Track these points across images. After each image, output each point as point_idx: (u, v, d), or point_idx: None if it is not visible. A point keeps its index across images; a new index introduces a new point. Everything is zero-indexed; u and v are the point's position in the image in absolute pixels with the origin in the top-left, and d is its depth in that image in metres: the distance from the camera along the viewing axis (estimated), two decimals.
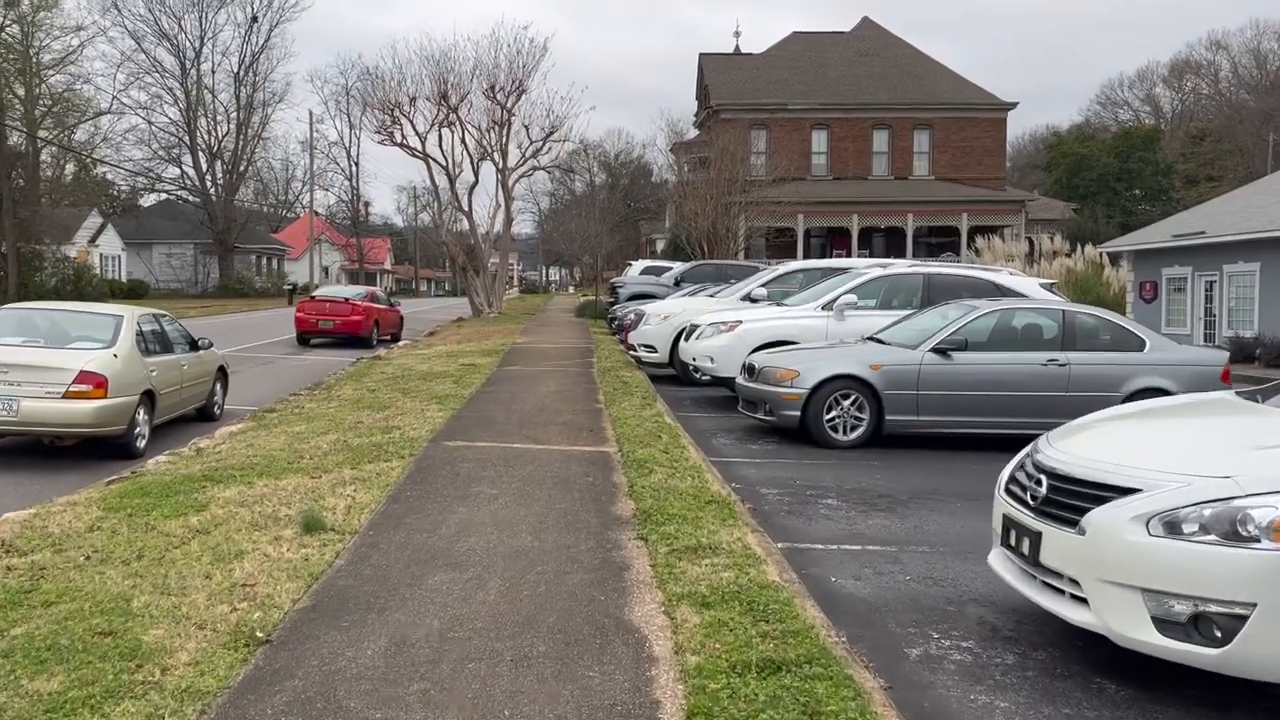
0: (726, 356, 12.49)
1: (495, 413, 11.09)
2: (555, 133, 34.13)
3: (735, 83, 50.36)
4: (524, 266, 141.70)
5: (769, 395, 10.23)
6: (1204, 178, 75.50)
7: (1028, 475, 4.76)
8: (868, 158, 50.20)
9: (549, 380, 14.39)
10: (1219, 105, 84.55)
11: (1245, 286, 27.03)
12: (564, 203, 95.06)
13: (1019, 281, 13.07)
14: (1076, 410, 10.29)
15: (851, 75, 51.26)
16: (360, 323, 25.05)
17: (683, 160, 49.40)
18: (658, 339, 15.62)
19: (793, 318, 12.70)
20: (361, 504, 6.72)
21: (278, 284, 65.39)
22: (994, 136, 51.88)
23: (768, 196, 39.03)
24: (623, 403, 11.72)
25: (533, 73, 33.31)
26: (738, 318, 12.77)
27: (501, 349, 19.70)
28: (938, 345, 10.06)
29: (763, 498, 7.74)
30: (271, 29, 63.24)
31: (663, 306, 16.43)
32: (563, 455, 8.48)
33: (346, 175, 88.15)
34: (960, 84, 52.05)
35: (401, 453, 8.47)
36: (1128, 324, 10.58)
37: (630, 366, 16.24)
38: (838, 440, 10.04)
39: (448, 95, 32.40)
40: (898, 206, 46.91)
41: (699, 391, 14.71)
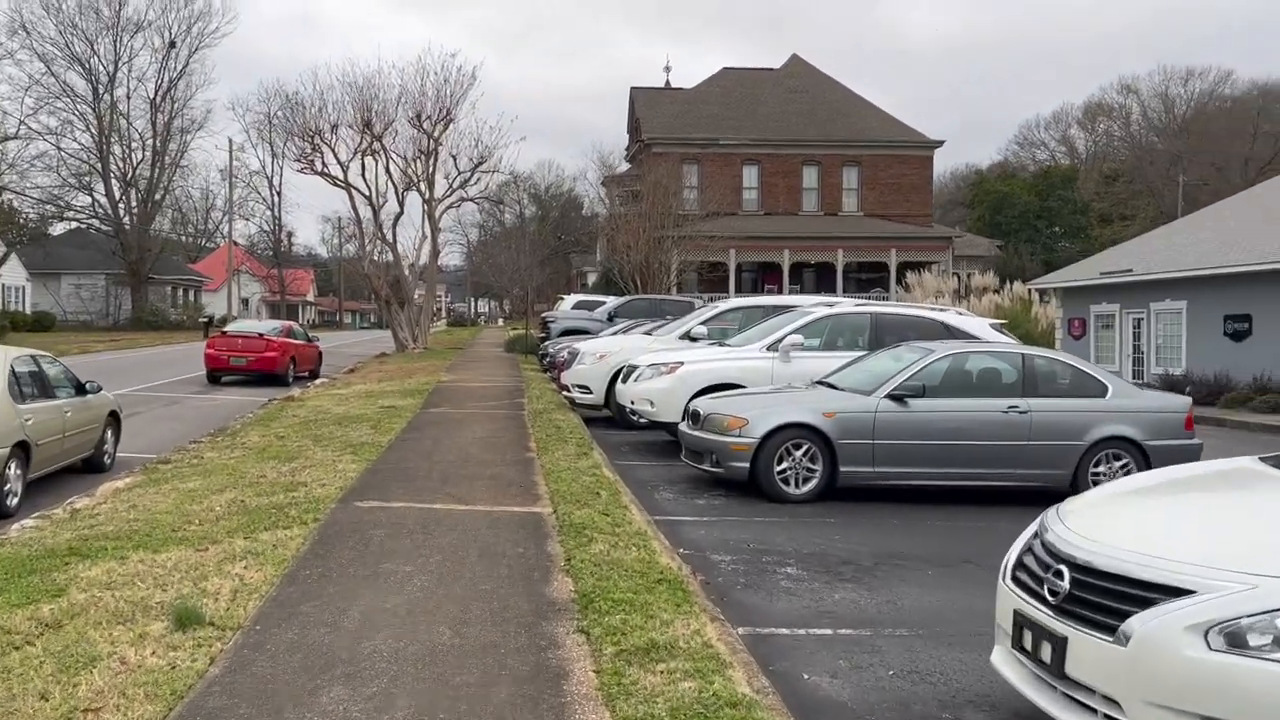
0: (668, 400, 11.70)
1: (415, 464, 10.11)
2: (484, 163, 33.29)
3: (666, 117, 50.14)
4: (452, 299, 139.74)
5: (716, 445, 9.45)
6: (1117, 216, 77.72)
7: (1040, 562, 4.03)
8: (798, 194, 50.30)
9: (476, 425, 13.43)
10: (1130, 147, 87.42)
11: (1173, 324, 27.27)
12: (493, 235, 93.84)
13: (968, 322, 12.57)
14: (1038, 460, 9.81)
15: (782, 112, 51.45)
16: (275, 359, 23.72)
17: (614, 193, 48.90)
18: (593, 379, 14.78)
19: (737, 359, 11.99)
20: (251, 586, 5.73)
21: (194, 316, 62.97)
22: (921, 174, 52.48)
23: (700, 231, 38.64)
24: (556, 451, 10.84)
25: (461, 101, 32.47)
26: (679, 359, 12.02)
27: (425, 388, 18.64)
28: (894, 391, 9.41)
29: (715, 567, 6.92)
30: (190, 55, 61.31)
31: (598, 345, 15.61)
32: (490, 519, 7.56)
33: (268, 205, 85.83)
34: (888, 122, 52.61)
35: (305, 517, 7.46)
36: (1089, 368, 10.09)
37: (564, 408, 15.37)
38: (789, 494, 9.30)
39: (371, 123, 31.34)
40: (828, 242, 46.98)
41: (637, 436, 13.89)
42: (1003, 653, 4.21)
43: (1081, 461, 9.50)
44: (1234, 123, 79.91)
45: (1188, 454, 9.75)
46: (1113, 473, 9.58)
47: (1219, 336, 25.04)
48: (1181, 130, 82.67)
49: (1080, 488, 9.56)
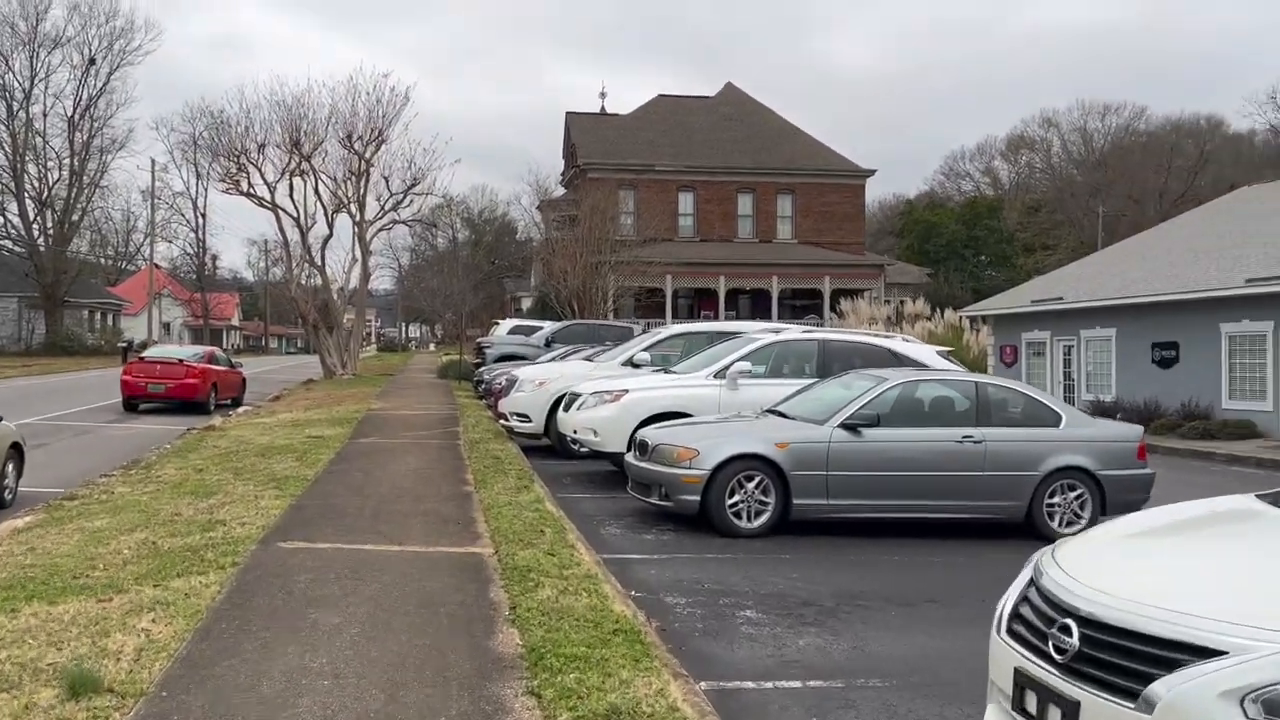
0: (612, 429, 11.26)
1: (344, 500, 9.50)
2: (417, 185, 32.60)
3: (602, 142, 50.00)
4: (382, 323, 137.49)
5: (665, 477, 9.03)
6: (1040, 246, 79.74)
7: (1040, 614, 3.68)
8: (733, 220, 50.48)
9: (409, 456, 12.81)
10: (1051, 178, 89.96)
11: (1102, 351, 27.71)
12: (426, 258, 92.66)
13: (915, 349, 12.40)
14: (993, 492, 9.58)
15: (717, 139, 51.68)
16: (196, 386, 22.72)
17: (550, 218, 48.49)
18: (532, 407, 14.27)
19: (683, 386, 11.61)
20: (159, 643, 5.12)
21: (112, 341, 60.70)
22: (853, 202, 53.11)
23: (637, 256, 38.41)
24: (496, 484, 10.31)
25: (393, 122, 31.77)
26: (623, 386, 11.60)
27: (355, 417, 17.90)
28: (847, 420, 9.11)
29: (671, 612, 6.48)
30: (111, 72, 59.41)
31: (537, 371, 15.11)
32: (426, 561, 7.02)
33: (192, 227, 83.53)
34: (821, 150, 53.19)
35: (222, 561, 6.84)
36: (1042, 397, 9.93)
37: (501, 438, 14.82)
38: (741, 528, 8.91)
39: (300, 143, 30.46)
40: (763, 269, 47.15)
41: (579, 466, 13.41)
42: (1000, 714, 3.84)
43: (1036, 492, 9.30)
44: (1149, 157, 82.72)
45: (1141, 484, 9.63)
46: (1067, 504, 9.40)
47: (1147, 364, 25.46)
48: (1100, 163, 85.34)
49: (1035, 520, 9.37)
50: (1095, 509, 9.40)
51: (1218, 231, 28.38)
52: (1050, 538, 9.36)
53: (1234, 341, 22.85)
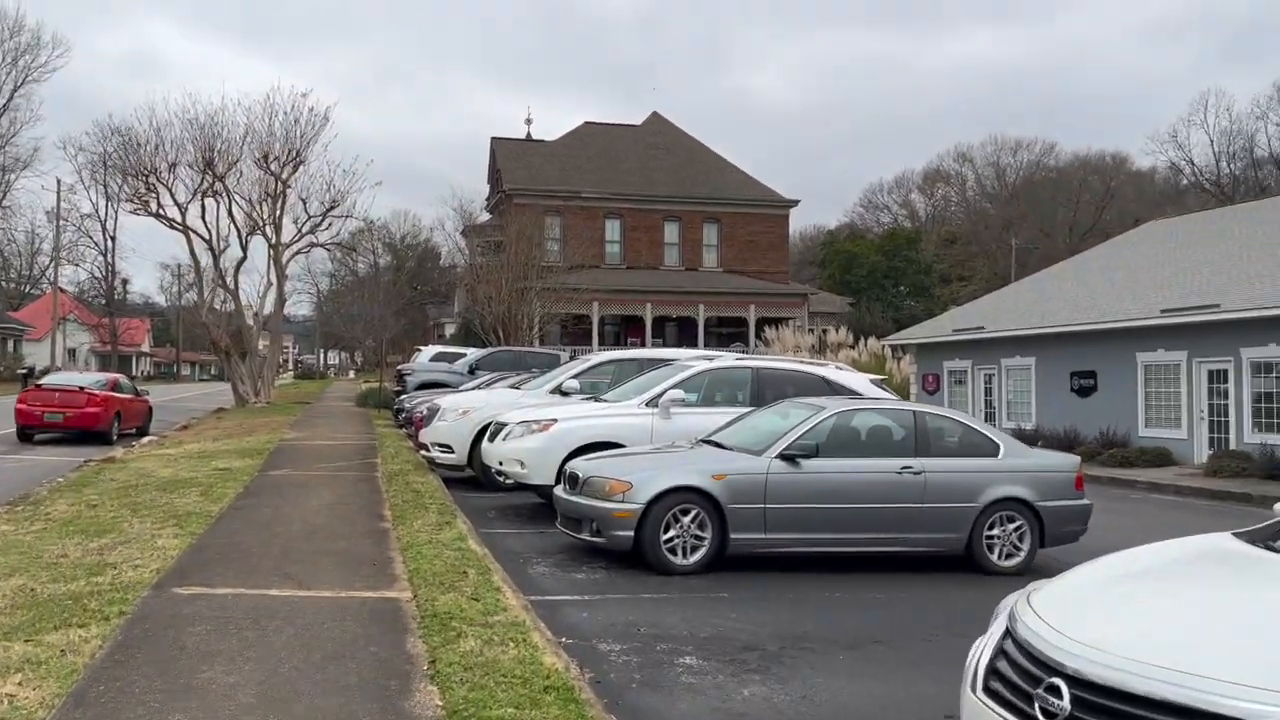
0: (540, 461, 10.76)
1: (250, 538, 8.82)
2: (336, 207, 31.68)
3: (528, 168, 49.57)
4: (300, 350, 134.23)
5: (596, 512, 8.57)
6: (955, 277, 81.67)
7: (1021, 670, 3.33)
8: (660, 248, 50.43)
9: (323, 489, 12.11)
10: (966, 211, 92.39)
11: (1022, 380, 28.12)
12: (345, 284, 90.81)
13: (849, 377, 12.19)
14: (933, 524, 9.32)
15: (643, 167, 51.69)
16: (97, 415, 21.52)
17: (475, 244, 47.77)
18: (455, 438, 13.67)
19: (614, 416, 11.17)
20: (24, 711, 4.48)
21: (13, 367, 57.83)
22: (777, 232, 53.56)
23: (563, 283, 37.96)
24: (415, 520, 9.72)
25: (312, 143, 30.85)
26: (551, 415, 11.11)
27: (266, 447, 17.04)
28: (785, 451, 8.78)
29: (605, 660, 6.00)
30: (16, 89, 57.10)
31: (461, 400, 14.51)
32: (337, 607, 6.43)
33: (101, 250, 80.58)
34: (746, 180, 53.58)
35: (108, 610, 6.17)
36: (980, 426, 9.75)
37: (422, 469, 14.17)
38: (676, 565, 8.49)
39: (214, 162, 29.37)
40: (689, 297, 47.12)
41: (504, 499, 12.85)
42: None
43: (976, 524, 9.08)
44: (1058, 191, 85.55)
45: (1079, 515, 9.49)
46: (1007, 535, 9.20)
47: (1067, 392, 25.88)
48: (1012, 197, 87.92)
49: (974, 552, 9.15)
50: (1035, 541, 9.22)
51: (1130, 264, 29.14)
52: (990, 571, 9.17)
53: (1150, 371, 23.35)
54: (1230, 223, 29.19)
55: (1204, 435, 21.81)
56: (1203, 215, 34.90)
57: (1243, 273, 22.77)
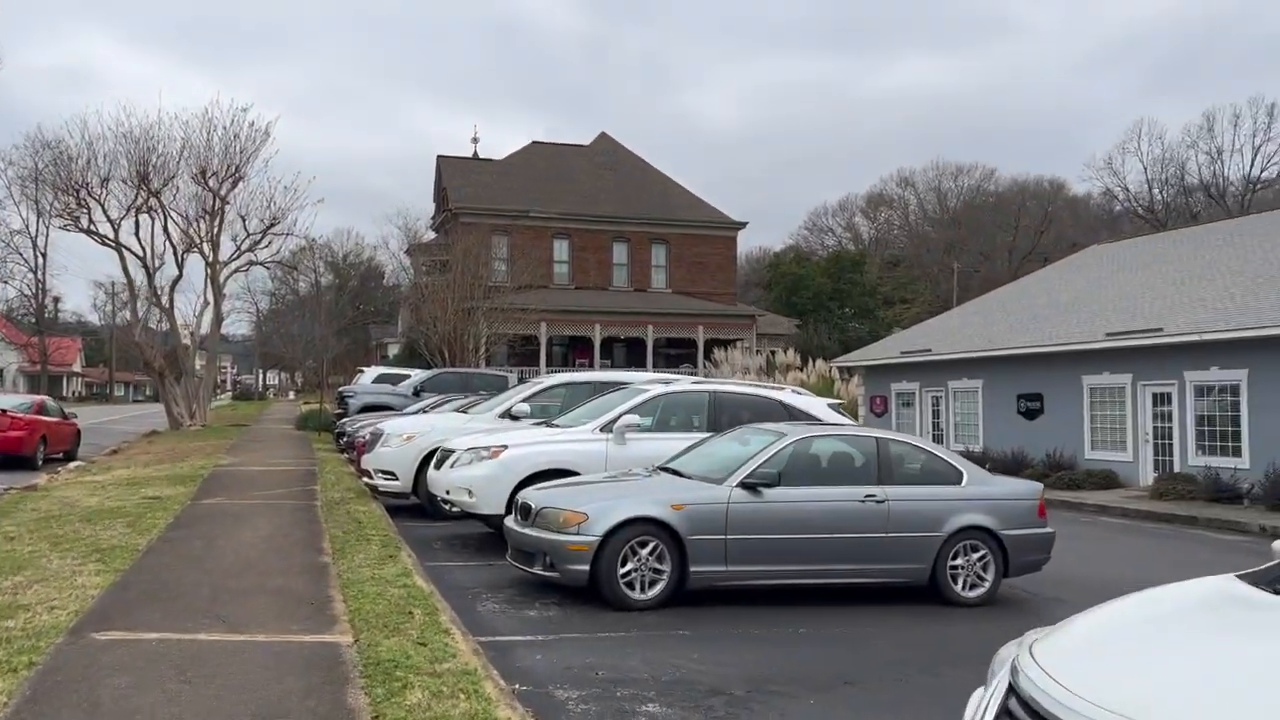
0: (489, 489, 10.32)
1: (179, 575, 8.26)
2: (277, 225, 30.88)
3: (475, 187, 49.08)
4: (238, 370, 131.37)
5: (550, 545, 8.17)
6: (898, 300, 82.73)
7: None
8: (609, 269, 50.21)
9: (259, 520, 11.52)
10: (909, 235, 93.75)
11: (970, 402, 28.28)
12: (286, 303, 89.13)
13: (806, 401, 11.96)
14: (898, 554, 9.04)
15: (592, 187, 51.51)
16: (20, 439, 20.53)
17: (420, 263, 47.05)
18: (399, 464, 13.15)
19: (568, 441, 10.78)
20: None
21: None
22: (726, 254, 53.69)
23: (511, 303, 37.48)
24: (357, 554, 9.22)
25: (252, 158, 30.05)
26: (501, 441, 10.69)
27: (200, 474, 16.32)
28: (747, 479, 8.47)
29: (563, 710, 5.60)
30: None
31: (405, 424, 14.00)
32: (272, 654, 5.95)
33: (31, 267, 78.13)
34: (694, 202, 53.65)
35: (16, 661, 5.62)
36: (943, 453, 9.54)
37: (364, 497, 13.61)
38: (634, 600, 8.11)
39: (149, 177, 28.44)
40: (638, 317, 46.91)
41: (450, 528, 12.37)
42: None
43: (940, 554, 8.85)
44: (998, 216, 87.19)
45: (1043, 543, 9.32)
46: (970, 565, 8.98)
47: (1013, 414, 26.05)
48: (953, 221, 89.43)
49: (939, 582, 8.91)
50: (999, 571, 9.02)
51: (1074, 287, 29.53)
52: (954, 602, 8.94)
53: (1095, 393, 23.57)
54: (1168, 247, 29.77)
55: (1149, 458, 22.03)
56: (1142, 240, 35.58)
57: (1184, 297, 23.13)
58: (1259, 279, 22.04)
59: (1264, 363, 19.20)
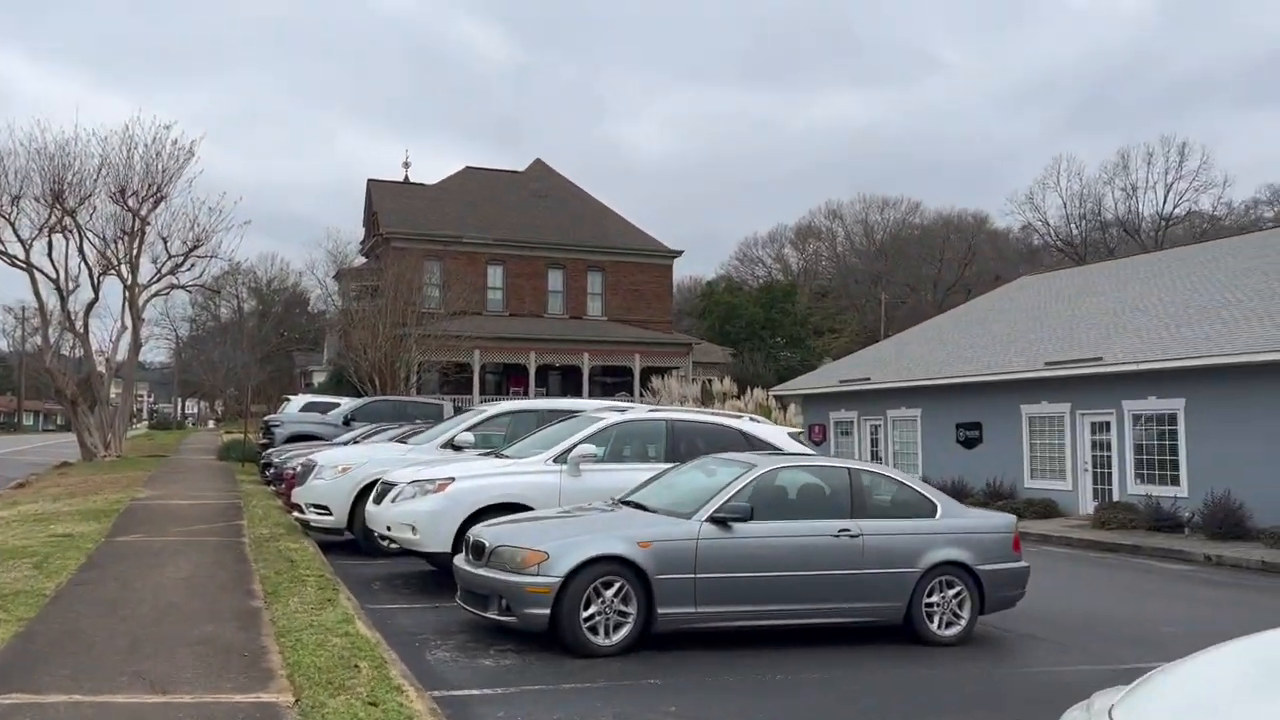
0: (435, 526, 9.64)
1: (92, 624, 7.43)
2: (200, 247, 29.60)
3: (407, 211, 48.14)
4: (156, 398, 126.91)
5: (507, 587, 7.54)
6: (827, 329, 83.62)
7: None
8: (543, 296, 49.59)
9: (181, 559, 10.64)
10: (837, 266, 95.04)
11: (908, 431, 28.28)
12: (207, 329, 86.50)
13: (766, 430, 11.53)
14: (873, 592, 8.48)
15: (526, 214, 50.95)
16: None
17: (349, 288, 45.84)
18: (333, 497, 12.35)
19: (519, 473, 10.14)
20: None
21: None
22: (661, 282, 53.54)
23: (444, 330, 36.60)
24: (292, 597, 8.46)
25: (175, 178, 28.77)
26: (448, 473, 10.02)
27: (115, 508, 15.24)
28: (717, 514, 7.98)
29: None
30: None
31: (340, 455, 13.18)
32: (202, 718, 5.23)
33: None
34: (630, 229, 53.45)
35: None
36: (916, 484, 9.17)
37: (295, 533, 12.77)
38: (598, 646, 7.52)
39: (63, 196, 27.03)
40: (574, 345, 46.34)
41: (389, 565, 11.62)
42: None
43: (916, 590, 8.45)
44: (923, 249, 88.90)
45: (1018, 579, 8.99)
46: (946, 603, 8.60)
47: (952, 444, 26.07)
48: (880, 253, 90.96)
49: (914, 621, 8.50)
50: (975, 608, 8.65)
51: (1009, 317, 29.85)
52: (929, 641, 8.52)
53: (1034, 422, 23.68)
54: (1097, 279, 30.31)
55: (1088, 487, 22.14)
56: (1072, 271, 36.28)
57: (1120, 327, 23.42)
58: (1190, 309, 22.43)
59: (1200, 392, 19.43)
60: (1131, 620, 10.37)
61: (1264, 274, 23.17)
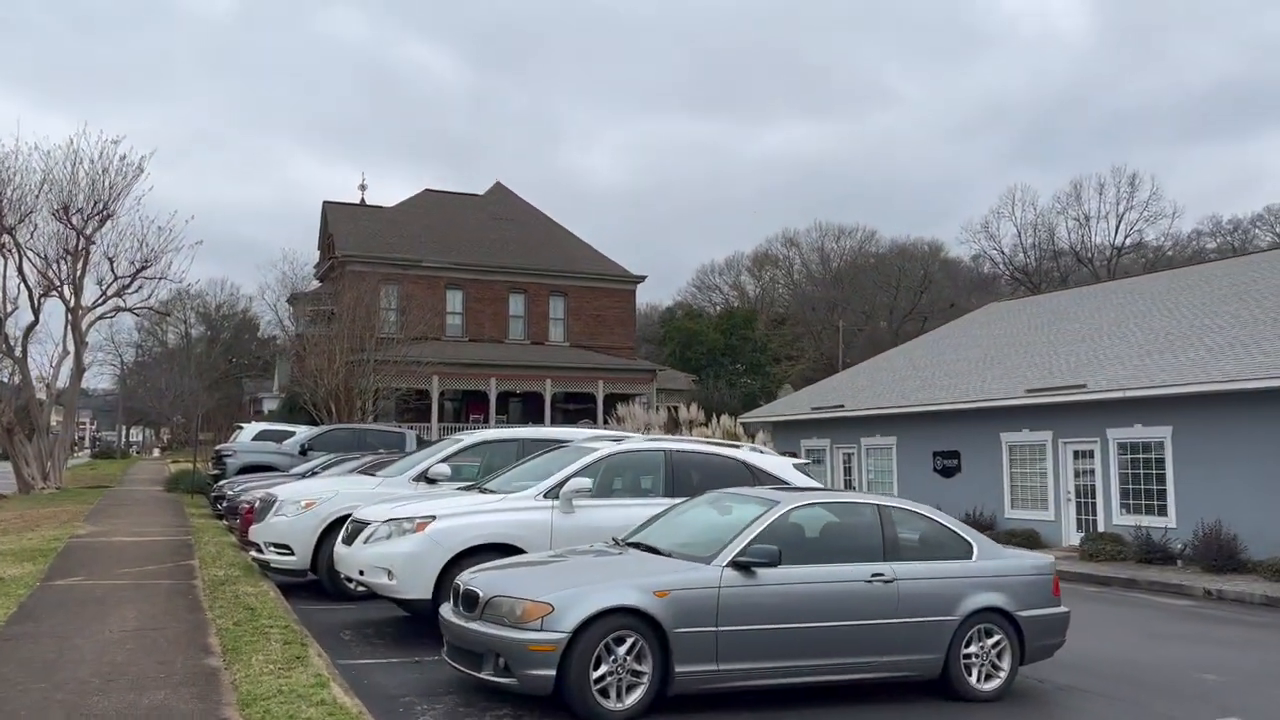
0: (414, 570, 8.65)
1: (21, 692, 6.36)
2: (149, 268, 28.20)
3: (363, 234, 46.89)
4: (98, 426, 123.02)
5: (505, 644, 6.60)
6: (784, 356, 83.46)
7: None
8: (504, 321, 48.53)
9: (126, 607, 9.53)
10: (794, 293, 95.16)
11: (883, 459, 27.70)
12: (153, 355, 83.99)
13: (771, 461, 10.70)
14: (908, 643, 7.41)
15: (487, 238, 49.97)
16: None
17: (303, 312, 44.41)
18: (296, 536, 11.27)
19: (506, 510, 9.18)
20: None
21: None
22: (624, 307, 52.77)
23: (402, 355, 35.39)
24: (254, 653, 7.44)
25: (123, 195, 27.40)
26: (428, 511, 9.04)
27: (53, 546, 13.98)
28: (740, 557, 7.12)
29: None
30: None
31: (303, 489, 12.08)
32: None
33: None
34: (593, 255, 52.68)
35: None
36: (949, 522, 8.40)
37: (253, 575, 11.67)
38: (609, 711, 6.60)
39: (2, 213, 25.54)
40: (536, 371, 45.30)
41: (358, 611, 10.58)
42: None
43: (954, 641, 7.65)
44: (880, 276, 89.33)
45: (1060, 625, 8.24)
46: (985, 653, 7.80)
47: (929, 472, 25.51)
48: (836, 280, 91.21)
49: (951, 675, 7.69)
50: (1015, 658, 7.88)
51: (983, 344, 29.46)
52: (968, 697, 7.68)
53: (1014, 451, 23.19)
54: (1068, 305, 30.10)
55: (1071, 517, 21.65)
56: (1041, 298, 36.15)
57: (1100, 354, 23.06)
58: (1171, 336, 22.12)
59: (1187, 420, 19.03)
60: (1165, 666, 9.69)
61: (1240, 300, 22.99)
